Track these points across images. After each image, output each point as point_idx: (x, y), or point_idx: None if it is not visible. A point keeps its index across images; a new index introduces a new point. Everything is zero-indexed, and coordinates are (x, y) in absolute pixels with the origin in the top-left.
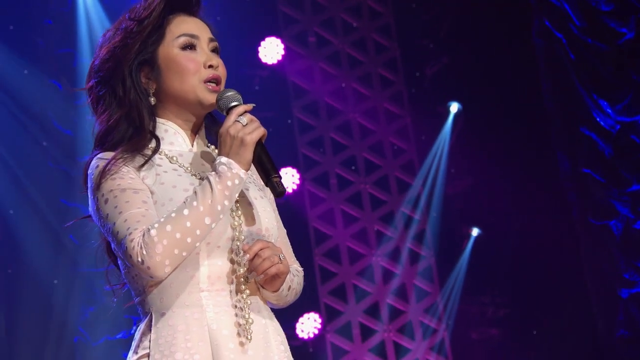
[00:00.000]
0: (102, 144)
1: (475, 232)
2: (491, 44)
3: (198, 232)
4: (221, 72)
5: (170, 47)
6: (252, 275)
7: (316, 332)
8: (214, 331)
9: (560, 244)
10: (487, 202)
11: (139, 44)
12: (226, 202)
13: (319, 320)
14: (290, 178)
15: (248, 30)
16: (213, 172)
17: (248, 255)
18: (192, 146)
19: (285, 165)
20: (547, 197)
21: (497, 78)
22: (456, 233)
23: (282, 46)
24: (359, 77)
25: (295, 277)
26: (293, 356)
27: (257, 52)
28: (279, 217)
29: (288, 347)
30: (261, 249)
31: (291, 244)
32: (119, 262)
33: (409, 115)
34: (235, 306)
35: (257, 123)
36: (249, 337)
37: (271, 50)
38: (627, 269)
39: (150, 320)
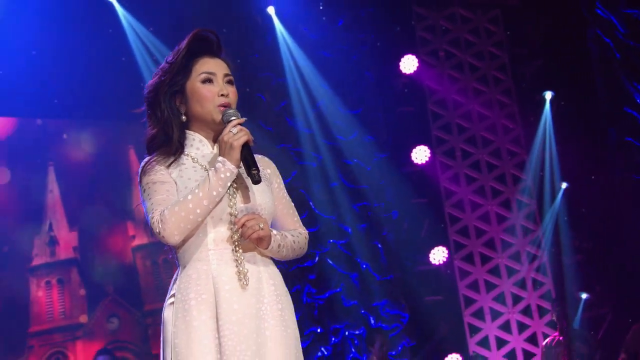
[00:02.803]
0: (148, 148)
1: (564, 185)
2: (564, 50)
3: (198, 211)
4: (231, 98)
5: (195, 81)
6: (242, 239)
7: (444, 259)
8: (215, 278)
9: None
10: (571, 162)
11: (169, 79)
12: (220, 189)
13: (446, 252)
14: (423, 153)
15: (392, 50)
16: (213, 168)
17: (236, 225)
18: (213, 149)
19: (420, 144)
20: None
21: (568, 74)
22: (552, 187)
23: (416, 60)
24: (477, 79)
25: (292, 237)
26: (428, 277)
27: (399, 65)
28: (284, 195)
29: (280, 286)
30: (247, 220)
31: (427, 202)
32: None
33: (516, 104)
34: (235, 260)
35: (244, 132)
36: (246, 282)
37: (408, 64)
38: None
39: (177, 272)
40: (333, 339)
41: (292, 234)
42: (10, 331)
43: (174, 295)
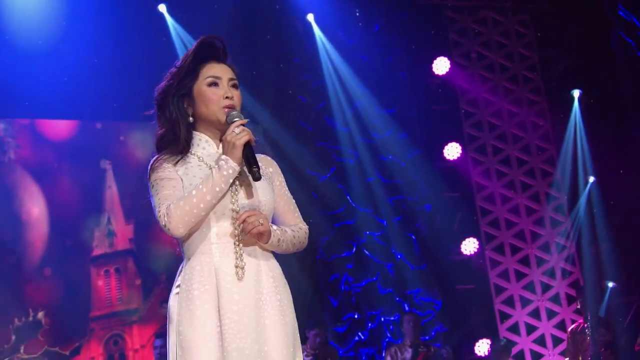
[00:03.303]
0: (157, 147)
1: (592, 179)
2: (591, 51)
3: (202, 205)
4: (235, 100)
5: (201, 84)
6: (242, 234)
7: (475, 250)
8: (217, 269)
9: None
10: (599, 156)
11: (177, 83)
12: (223, 185)
13: (477, 243)
14: (455, 149)
15: (426, 52)
16: (216, 166)
17: (238, 221)
18: (218, 149)
19: (452, 141)
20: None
21: (595, 73)
22: (580, 179)
23: (448, 62)
24: (507, 78)
25: (292, 232)
26: (460, 266)
27: (431, 66)
28: (285, 192)
29: (279, 278)
30: (248, 216)
31: (459, 195)
32: None
33: (545, 102)
34: (236, 252)
35: (246, 132)
36: (243, 274)
37: (441, 66)
38: None
39: (182, 264)
40: (369, 324)
41: (293, 229)
42: (74, 316)
43: (179, 285)
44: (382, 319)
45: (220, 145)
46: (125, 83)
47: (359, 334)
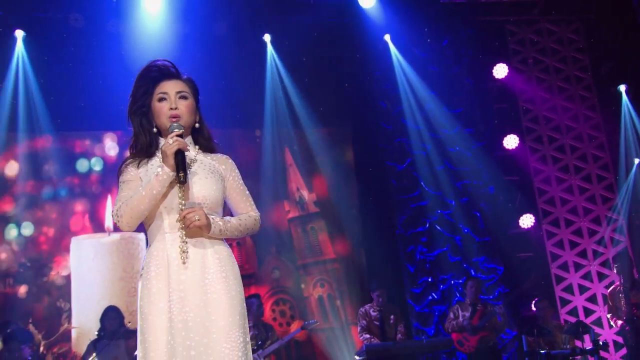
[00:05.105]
0: (129, 150)
1: (637, 160)
2: (636, 51)
3: (142, 207)
4: (181, 109)
5: (154, 101)
6: (184, 227)
7: (532, 224)
8: (168, 256)
9: None
10: None
11: (133, 103)
12: (159, 188)
13: (533, 218)
14: (513, 140)
15: (488, 60)
16: (156, 172)
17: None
18: None
19: (512, 133)
20: None
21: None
22: (628, 162)
23: (506, 68)
24: (561, 79)
25: (238, 220)
26: (519, 238)
27: (491, 71)
28: (238, 186)
29: (225, 259)
30: (187, 213)
31: (519, 179)
32: None
33: (596, 97)
34: (182, 241)
35: (177, 142)
36: (185, 258)
37: (500, 71)
38: None
39: (146, 250)
40: (441, 286)
41: (240, 218)
42: None
43: (142, 268)
44: (452, 282)
45: None
46: (227, 96)
47: (433, 294)
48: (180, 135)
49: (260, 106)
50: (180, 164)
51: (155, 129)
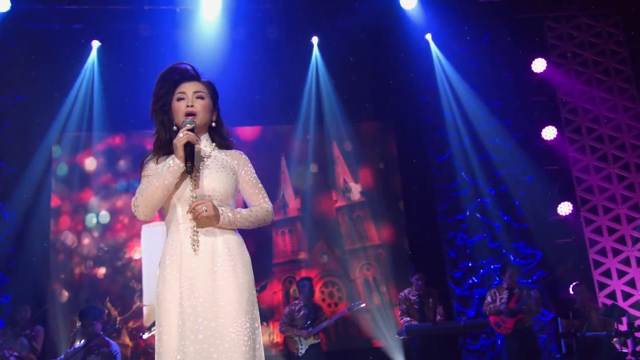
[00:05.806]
0: (153, 147)
1: None
2: None
3: (155, 196)
4: (197, 108)
5: (174, 100)
6: (194, 218)
7: (569, 211)
8: (181, 245)
9: None
10: None
11: (155, 103)
12: (170, 179)
13: (571, 206)
14: (551, 131)
15: (527, 55)
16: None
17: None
18: None
19: (550, 124)
20: None
21: None
22: None
23: (545, 62)
24: (600, 71)
25: (249, 211)
26: (558, 225)
27: (530, 66)
28: (250, 179)
29: (234, 248)
30: (196, 205)
31: (558, 168)
32: None
33: (635, 88)
34: (193, 231)
35: (187, 135)
36: (196, 247)
37: (539, 65)
38: None
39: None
40: (481, 270)
41: (252, 209)
42: (263, 262)
43: (162, 256)
44: (492, 267)
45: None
46: (279, 94)
47: (473, 278)
48: (192, 130)
49: (310, 104)
50: (189, 156)
51: (175, 127)
